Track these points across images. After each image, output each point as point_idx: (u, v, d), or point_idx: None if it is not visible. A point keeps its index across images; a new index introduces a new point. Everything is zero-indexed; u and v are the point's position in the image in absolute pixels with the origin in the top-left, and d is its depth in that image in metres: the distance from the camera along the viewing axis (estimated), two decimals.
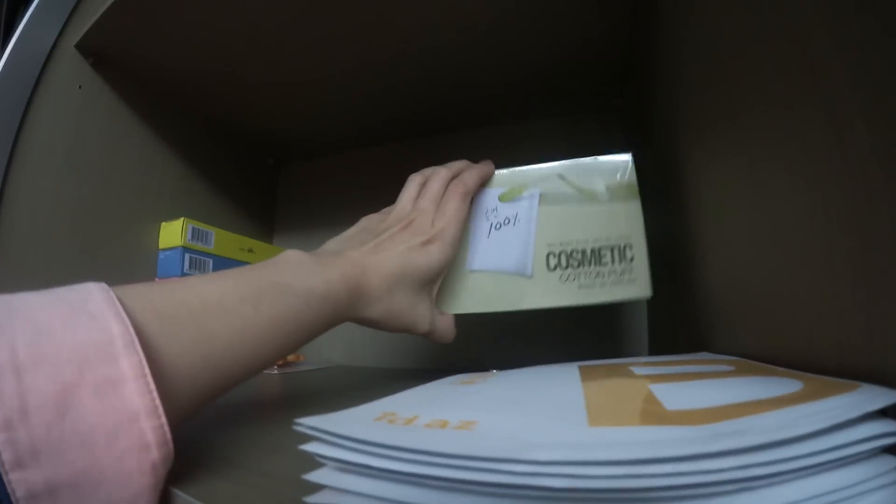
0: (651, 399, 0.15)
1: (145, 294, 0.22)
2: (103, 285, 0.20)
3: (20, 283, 0.44)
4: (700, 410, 0.13)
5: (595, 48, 0.55)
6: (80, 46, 0.52)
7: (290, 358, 0.59)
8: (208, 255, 0.58)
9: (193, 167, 0.66)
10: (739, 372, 0.20)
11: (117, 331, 0.18)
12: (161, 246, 0.56)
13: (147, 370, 0.18)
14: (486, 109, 0.68)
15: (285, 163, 0.87)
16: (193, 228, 0.57)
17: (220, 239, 0.60)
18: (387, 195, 0.77)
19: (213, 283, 0.26)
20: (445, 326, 0.41)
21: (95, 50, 0.54)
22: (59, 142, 0.49)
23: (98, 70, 0.55)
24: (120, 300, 0.20)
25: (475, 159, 0.72)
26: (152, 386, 0.18)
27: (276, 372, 0.54)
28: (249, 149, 0.79)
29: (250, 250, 0.64)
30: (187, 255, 0.55)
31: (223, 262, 0.59)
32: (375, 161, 0.80)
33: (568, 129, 0.68)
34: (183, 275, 0.54)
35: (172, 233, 0.56)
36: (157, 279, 0.56)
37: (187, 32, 0.52)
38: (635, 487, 0.10)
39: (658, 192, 0.45)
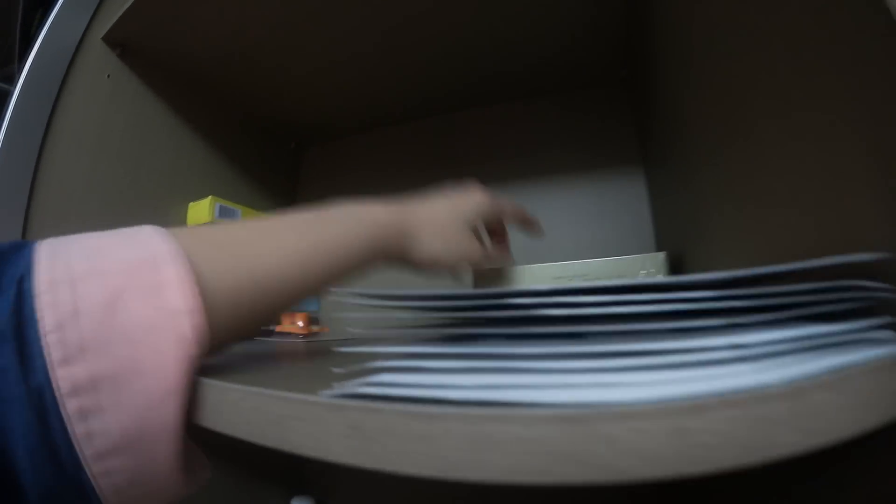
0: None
1: (194, 229, 0.25)
2: (157, 226, 0.22)
3: None
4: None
5: (596, 18, 0.56)
6: (107, 38, 0.55)
7: (315, 329, 0.62)
8: None
9: (219, 151, 0.69)
10: None
11: (164, 248, 0.20)
12: (189, 224, 0.59)
13: (190, 277, 0.20)
14: (495, 87, 0.70)
15: (306, 146, 0.89)
16: (221, 206, 0.59)
17: (245, 216, 0.62)
18: (404, 173, 0.80)
19: (258, 219, 0.28)
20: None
21: (121, 41, 0.56)
22: (90, 127, 0.52)
23: (125, 60, 0.57)
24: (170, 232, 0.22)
25: (485, 137, 0.73)
26: (194, 290, 0.19)
27: (300, 339, 0.57)
28: (272, 133, 0.82)
29: None
30: None
31: None
32: (393, 141, 0.82)
33: (575, 103, 0.70)
34: None
35: (200, 211, 0.58)
36: None
37: (209, 22, 0.54)
38: (623, 314, 0.12)
39: (664, 159, 0.46)
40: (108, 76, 0.55)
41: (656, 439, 0.11)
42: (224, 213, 0.59)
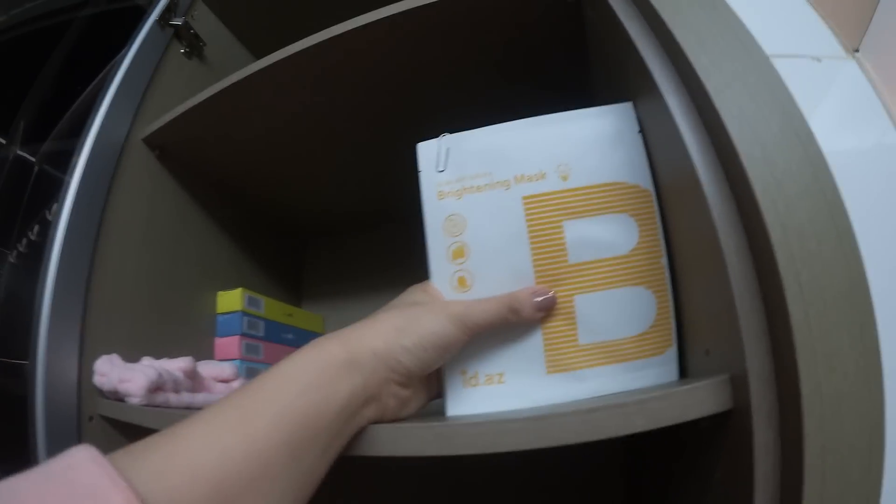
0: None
1: (148, 459, 0.21)
2: (92, 451, 0.19)
3: (110, 342, 0.50)
4: None
5: None
6: (148, 140, 0.61)
7: None
8: (260, 318, 0.65)
9: (238, 244, 0.73)
10: None
11: (104, 481, 0.18)
12: (219, 311, 0.64)
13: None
14: None
15: (309, 243, 0.95)
16: (249, 297, 0.65)
17: (267, 305, 0.68)
18: (398, 268, 0.83)
19: (200, 413, 0.24)
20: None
21: (159, 144, 0.62)
22: (136, 221, 0.57)
23: (162, 161, 0.63)
24: (122, 471, 0.19)
25: None
26: None
27: None
28: (279, 230, 0.87)
29: (290, 315, 0.71)
30: (245, 319, 0.63)
31: (271, 324, 0.67)
32: (388, 239, 0.87)
33: None
34: (243, 334, 0.61)
35: (231, 300, 0.63)
36: (217, 338, 0.63)
37: (230, 136, 0.61)
38: None
39: None
40: (149, 175, 0.61)
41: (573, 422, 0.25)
42: (251, 302, 0.65)
